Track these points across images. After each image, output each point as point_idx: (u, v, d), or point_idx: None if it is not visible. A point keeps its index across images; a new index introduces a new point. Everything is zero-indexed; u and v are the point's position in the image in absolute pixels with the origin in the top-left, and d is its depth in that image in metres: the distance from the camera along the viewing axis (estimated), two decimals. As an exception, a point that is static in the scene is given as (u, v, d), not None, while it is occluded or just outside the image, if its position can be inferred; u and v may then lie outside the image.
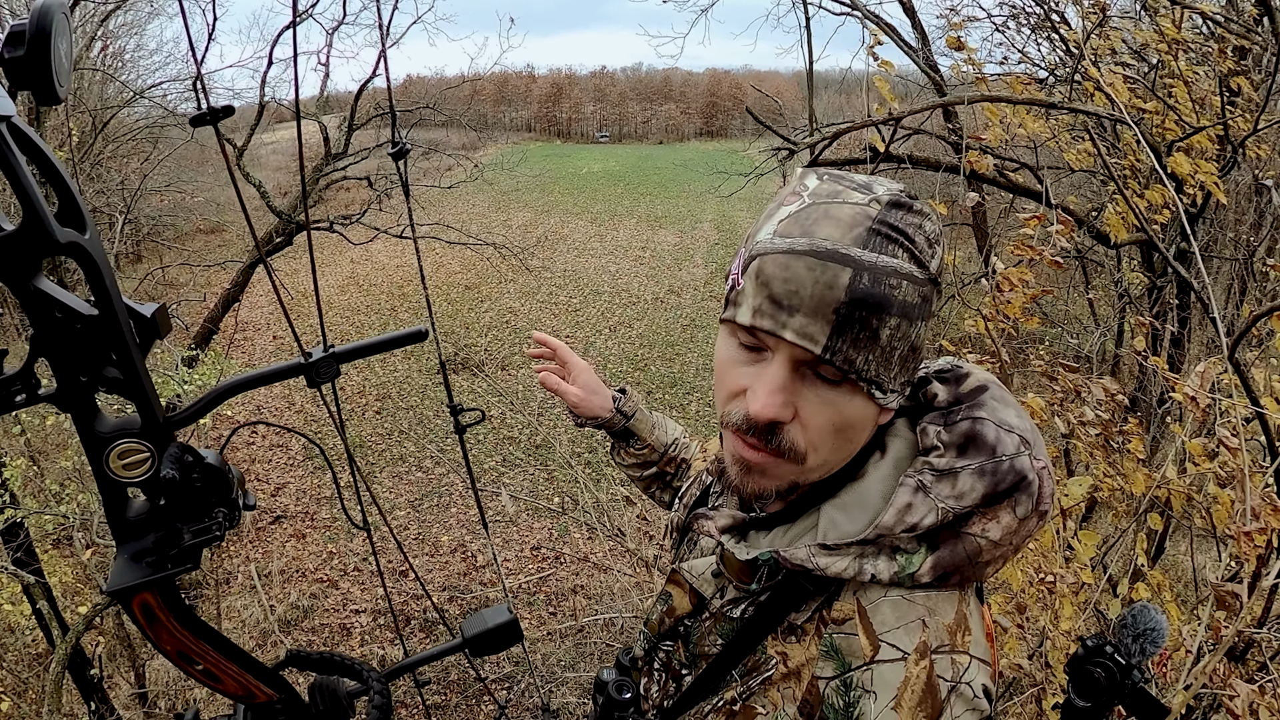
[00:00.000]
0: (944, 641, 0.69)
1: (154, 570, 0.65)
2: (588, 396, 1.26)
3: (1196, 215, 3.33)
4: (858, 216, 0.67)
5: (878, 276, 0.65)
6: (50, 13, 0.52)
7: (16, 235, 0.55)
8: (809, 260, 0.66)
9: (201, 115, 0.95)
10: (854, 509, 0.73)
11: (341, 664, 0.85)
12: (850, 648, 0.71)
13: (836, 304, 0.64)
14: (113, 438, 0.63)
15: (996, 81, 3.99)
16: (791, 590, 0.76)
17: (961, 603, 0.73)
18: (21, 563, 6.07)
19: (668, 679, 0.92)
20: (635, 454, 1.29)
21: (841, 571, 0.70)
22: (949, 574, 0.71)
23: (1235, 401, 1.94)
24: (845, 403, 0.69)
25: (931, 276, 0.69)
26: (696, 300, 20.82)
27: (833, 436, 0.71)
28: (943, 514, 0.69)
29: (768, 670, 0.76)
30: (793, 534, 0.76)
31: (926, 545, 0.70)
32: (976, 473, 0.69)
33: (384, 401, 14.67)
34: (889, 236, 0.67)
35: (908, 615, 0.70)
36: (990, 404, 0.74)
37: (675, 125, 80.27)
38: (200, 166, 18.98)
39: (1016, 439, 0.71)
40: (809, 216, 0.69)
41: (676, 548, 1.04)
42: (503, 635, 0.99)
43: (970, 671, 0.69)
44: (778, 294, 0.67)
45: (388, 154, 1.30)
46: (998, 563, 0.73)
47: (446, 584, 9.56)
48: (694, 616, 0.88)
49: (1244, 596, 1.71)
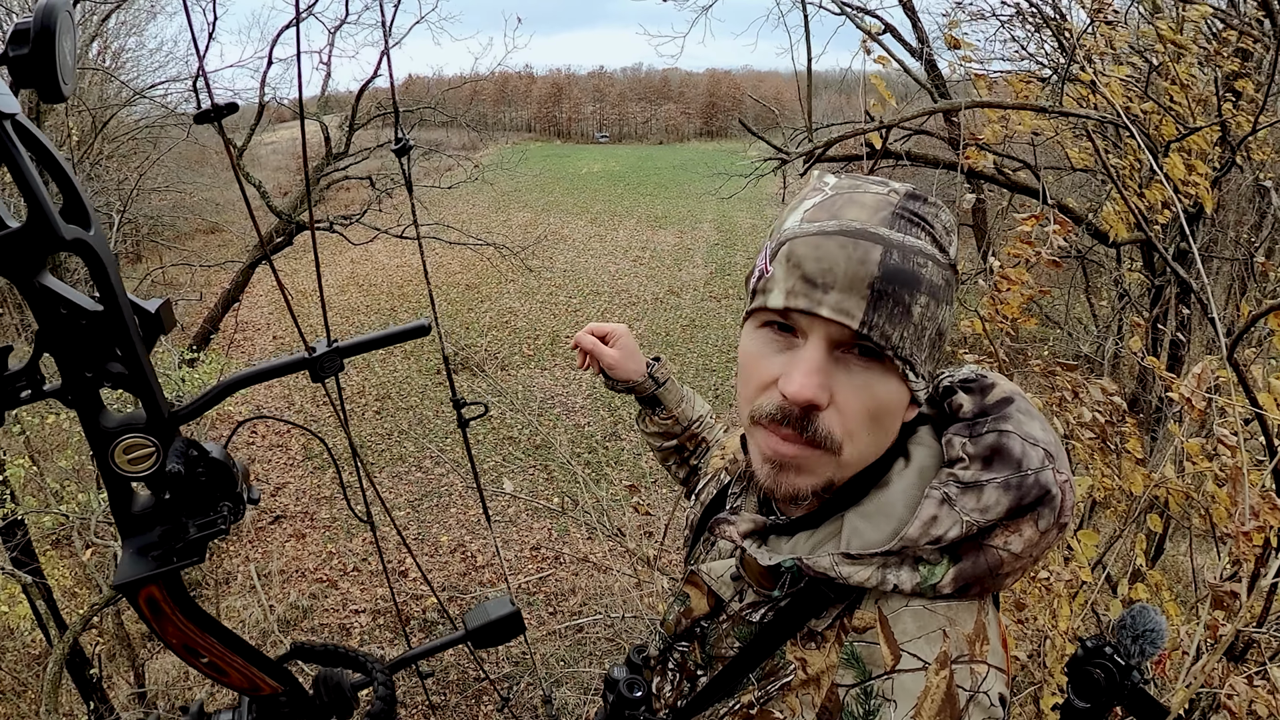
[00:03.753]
0: (964, 651, 0.70)
1: (160, 564, 0.65)
2: (624, 360, 1.27)
3: (1196, 216, 3.33)
4: (881, 203, 0.70)
5: (906, 254, 0.67)
6: (55, 11, 0.52)
7: (22, 232, 0.55)
8: (840, 239, 0.68)
9: (205, 112, 0.95)
10: (878, 517, 0.73)
11: (346, 656, 0.85)
12: (871, 656, 0.71)
13: (871, 279, 0.66)
14: (118, 433, 0.63)
15: (998, 79, 3.98)
16: (813, 597, 0.76)
17: (981, 612, 0.73)
18: (20, 562, 6.07)
19: (682, 679, 0.92)
20: (660, 422, 1.31)
21: (865, 581, 0.70)
22: (970, 585, 0.71)
23: (1234, 400, 1.95)
24: (880, 385, 0.70)
25: (952, 262, 0.72)
26: (696, 300, 20.82)
27: (868, 422, 0.71)
28: (967, 527, 0.69)
29: (786, 676, 0.76)
30: (815, 540, 0.76)
31: (949, 557, 0.70)
32: (1002, 486, 0.70)
33: (383, 402, 14.67)
34: (912, 220, 0.70)
35: (929, 625, 0.70)
36: (1016, 417, 0.73)
37: (675, 125, 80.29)
38: (199, 166, 18.98)
39: (1041, 452, 0.71)
40: (835, 203, 0.71)
41: (691, 546, 1.04)
42: (505, 627, 0.98)
43: (988, 681, 0.70)
44: (811, 273, 0.68)
45: (391, 150, 1.30)
46: (1017, 574, 0.73)
47: (446, 584, 9.56)
48: (711, 618, 0.88)
49: (1243, 596, 1.71)
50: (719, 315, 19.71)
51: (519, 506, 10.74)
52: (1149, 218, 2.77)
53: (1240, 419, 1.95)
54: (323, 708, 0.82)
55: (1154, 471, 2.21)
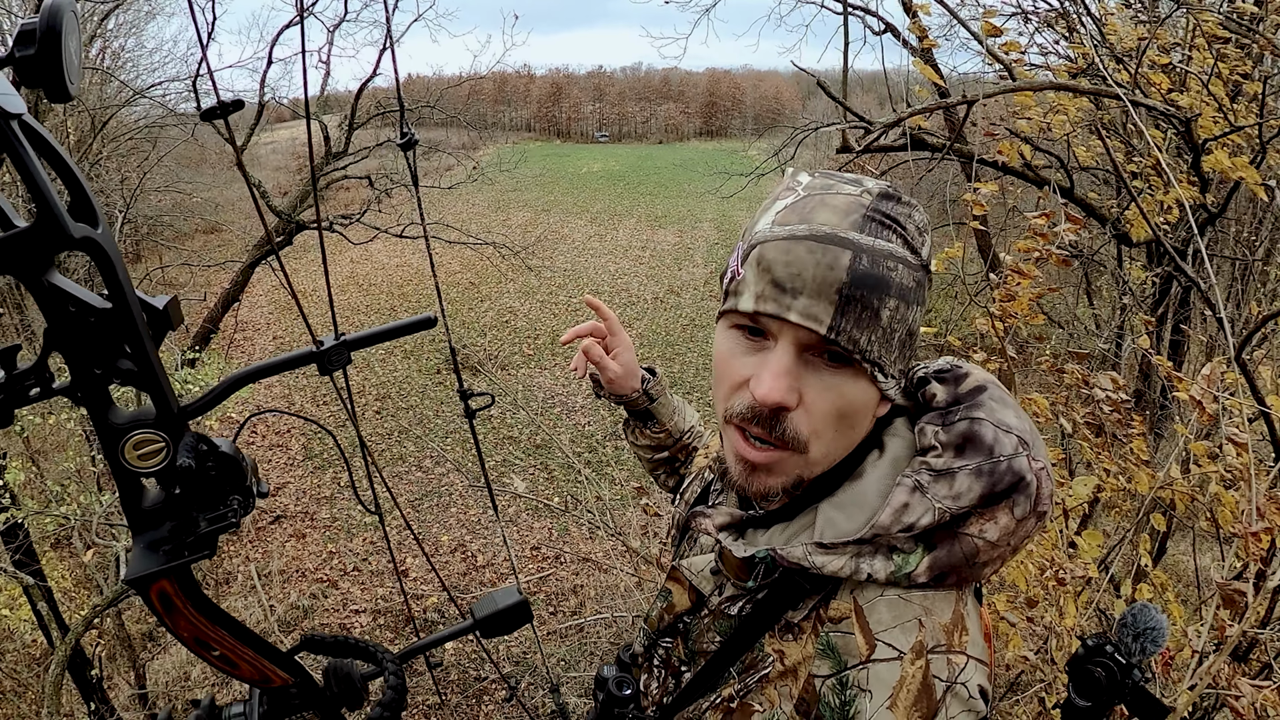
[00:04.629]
0: (940, 641, 0.70)
1: (171, 558, 0.65)
2: (624, 376, 1.24)
3: (1216, 215, 3.30)
4: (852, 205, 0.70)
5: (876, 258, 0.67)
6: (60, 11, 0.52)
7: (31, 231, 0.55)
8: (809, 244, 0.67)
9: (212, 109, 0.95)
10: (851, 508, 0.73)
11: (355, 647, 0.86)
12: (846, 646, 0.71)
13: (839, 284, 0.66)
14: (128, 429, 0.63)
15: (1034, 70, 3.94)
16: (789, 588, 0.76)
17: (959, 603, 0.73)
18: (21, 564, 6.07)
19: (667, 675, 0.92)
20: (651, 436, 1.29)
21: (838, 570, 0.70)
22: (946, 574, 0.71)
23: (1240, 400, 1.94)
24: (849, 386, 0.70)
25: (924, 263, 0.72)
26: (696, 300, 20.85)
27: (835, 422, 0.71)
28: (940, 514, 0.69)
29: (765, 668, 0.76)
30: (790, 532, 0.76)
31: (923, 545, 0.70)
32: (974, 473, 0.70)
33: (384, 401, 14.68)
34: (883, 222, 0.69)
35: (904, 614, 0.70)
36: (989, 404, 0.74)
37: (675, 125, 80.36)
38: (200, 166, 18.99)
39: (1015, 439, 0.71)
40: (806, 206, 0.71)
41: (678, 545, 1.04)
42: (513, 616, 0.99)
43: (966, 671, 0.69)
44: (780, 278, 0.68)
45: (396, 145, 1.30)
46: (995, 563, 0.73)
47: (447, 584, 9.56)
48: (693, 613, 0.89)
49: (1249, 595, 1.70)
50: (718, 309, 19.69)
51: (519, 506, 10.75)
52: (1157, 218, 2.76)
53: (1246, 419, 1.94)
54: (333, 699, 0.82)
55: (1158, 471, 2.20)
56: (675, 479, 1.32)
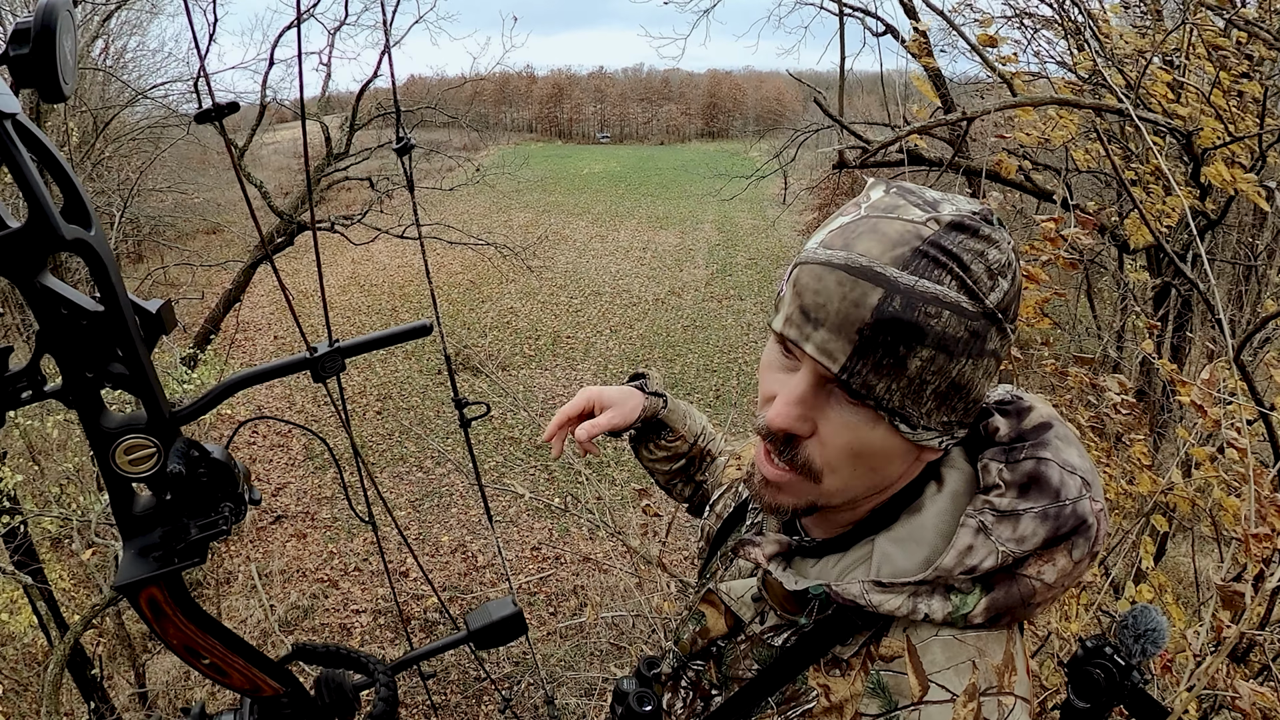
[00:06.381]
0: (992, 684, 0.69)
1: (161, 565, 0.65)
2: (623, 410, 1.15)
3: (1216, 222, 3.29)
4: (906, 235, 0.63)
5: (912, 301, 0.61)
6: (55, 10, 0.52)
7: (23, 232, 0.55)
8: (840, 274, 0.63)
9: (206, 111, 0.95)
10: (910, 544, 0.72)
11: (347, 657, 0.85)
12: (898, 686, 0.69)
13: (861, 324, 0.62)
14: (119, 433, 0.63)
15: (1031, 81, 3.93)
16: (840, 624, 0.74)
17: (1010, 642, 0.72)
18: (22, 564, 6.07)
19: (696, 697, 0.90)
20: (667, 446, 1.22)
21: (895, 610, 0.68)
22: (1001, 615, 0.69)
23: (1240, 403, 1.94)
24: (866, 429, 0.67)
25: (987, 310, 0.63)
26: (697, 301, 20.85)
27: (851, 461, 0.69)
28: (1003, 557, 0.67)
29: (808, 702, 0.74)
30: (844, 565, 0.74)
31: (981, 586, 0.69)
32: (1039, 517, 0.68)
33: (384, 402, 14.69)
34: (936, 260, 0.62)
35: (958, 656, 0.69)
36: (1055, 443, 0.71)
37: (676, 126, 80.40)
38: (201, 167, 19.00)
39: (1079, 480, 0.69)
40: (856, 229, 0.65)
41: (707, 561, 1.01)
42: (507, 627, 0.98)
43: (1015, 713, 0.69)
44: (807, 305, 0.65)
45: (393, 149, 1.29)
46: (1049, 603, 0.72)
47: (447, 584, 9.56)
48: (729, 639, 0.87)
49: (1248, 596, 1.70)
50: (720, 316, 19.73)
51: (519, 507, 10.75)
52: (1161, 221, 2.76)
53: (1244, 420, 1.94)
54: (325, 709, 0.82)
55: (1160, 475, 2.20)
56: (692, 487, 1.27)
